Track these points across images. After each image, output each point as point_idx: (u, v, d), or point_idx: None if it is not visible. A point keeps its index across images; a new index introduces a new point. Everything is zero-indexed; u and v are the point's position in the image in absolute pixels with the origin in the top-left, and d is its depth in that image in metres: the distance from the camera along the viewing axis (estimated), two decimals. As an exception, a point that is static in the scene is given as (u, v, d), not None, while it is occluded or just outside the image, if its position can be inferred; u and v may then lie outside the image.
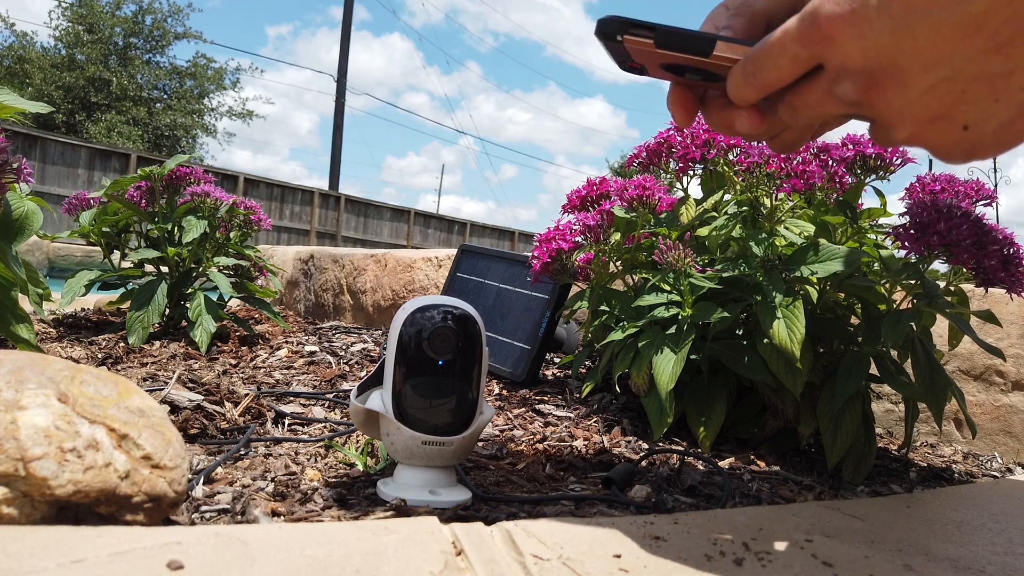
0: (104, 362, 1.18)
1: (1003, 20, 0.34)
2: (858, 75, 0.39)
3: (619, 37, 0.45)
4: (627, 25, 0.45)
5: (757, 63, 0.42)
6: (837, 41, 0.38)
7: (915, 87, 0.38)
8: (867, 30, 0.37)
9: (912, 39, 0.36)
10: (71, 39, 15.71)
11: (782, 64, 0.41)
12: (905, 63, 0.37)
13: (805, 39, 0.39)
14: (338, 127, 15.93)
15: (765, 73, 0.42)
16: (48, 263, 6.13)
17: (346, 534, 0.43)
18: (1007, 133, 0.38)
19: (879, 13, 0.36)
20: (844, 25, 0.37)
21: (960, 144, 0.39)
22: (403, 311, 0.63)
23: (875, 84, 0.38)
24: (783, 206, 0.86)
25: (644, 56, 0.45)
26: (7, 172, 0.92)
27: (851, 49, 0.38)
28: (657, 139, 1.02)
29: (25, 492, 0.42)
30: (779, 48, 0.40)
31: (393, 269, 1.89)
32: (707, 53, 0.44)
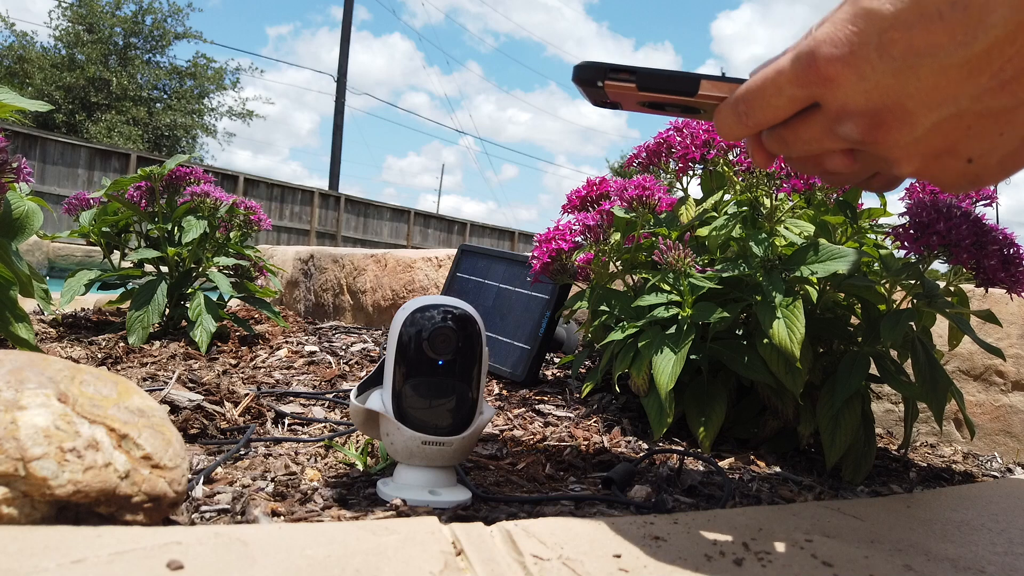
0: (104, 362, 1.18)
1: (1007, 58, 0.34)
2: (861, 116, 0.38)
3: (599, 83, 0.44)
4: (606, 70, 0.44)
5: (750, 103, 0.41)
6: (837, 83, 0.37)
7: (920, 125, 0.37)
8: (868, 72, 0.36)
9: (916, 80, 0.36)
10: (71, 39, 15.71)
11: (777, 104, 0.40)
12: (910, 103, 0.36)
13: (802, 80, 0.38)
14: (338, 127, 15.94)
15: (758, 113, 0.41)
16: (48, 263, 6.13)
17: (346, 534, 0.43)
18: (1011, 163, 0.38)
19: (880, 55, 0.35)
20: (844, 68, 0.37)
21: (964, 176, 0.39)
22: (403, 311, 0.63)
23: (880, 124, 0.38)
24: (783, 206, 0.86)
25: (622, 95, 0.45)
26: (7, 172, 0.92)
27: (852, 91, 0.37)
28: (657, 139, 1.02)
29: (25, 492, 0.42)
30: (773, 88, 0.40)
31: (393, 269, 1.89)
32: (692, 93, 0.43)
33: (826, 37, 0.37)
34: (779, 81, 0.39)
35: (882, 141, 0.38)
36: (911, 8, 0.34)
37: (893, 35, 0.35)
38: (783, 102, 0.40)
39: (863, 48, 0.36)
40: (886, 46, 0.35)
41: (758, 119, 0.41)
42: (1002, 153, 0.38)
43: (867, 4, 0.36)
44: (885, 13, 0.35)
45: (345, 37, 16.03)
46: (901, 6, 0.35)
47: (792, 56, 0.39)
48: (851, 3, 0.37)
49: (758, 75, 0.41)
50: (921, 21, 0.34)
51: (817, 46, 0.37)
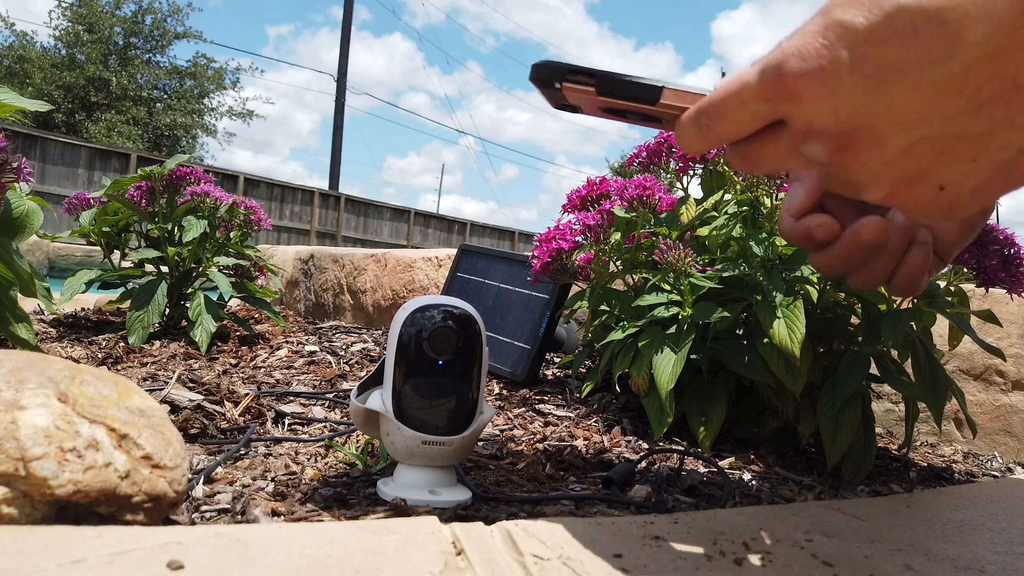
0: (104, 362, 1.18)
1: (985, 79, 0.32)
2: (828, 136, 0.36)
3: (557, 84, 0.42)
4: (565, 71, 0.42)
5: (711, 116, 0.39)
6: (804, 100, 0.35)
7: (891, 148, 0.35)
8: (838, 88, 0.34)
9: (888, 99, 0.33)
10: (71, 39, 15.72)
11: (740, 119, 0.38)
12: (880, 124, 0.34)
13: (768, 95, 0.36)
14: (338, 127, 15.94)
15: (720, 127, 0.39)
16: (48, 263, 6.13)
17: (346, 534, 0.43)
18: (984, 192, 0.36)
19: (851, 71, 0.33)
20: (812, 83, 0.34)
21: (936, 203, 0.37)
22: (403, 311, 0.63)
23: (848, 146, 0.35)
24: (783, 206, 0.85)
25: (582, 99, 0.43)
26: (7, 172, 0.92)
27: (820, 109, 0.35)
28: (657, 139, 1.02)
29: (25, 492, 0.42)
30: (737, 102, 0.37)
31: (393, 269, 1.89)
32: (653, 101, 0.41)
33: (794, 50, 0.34)
34: (743, 95, 0.37)
35: (850, 164, 0.36)
36: (884, 22, 0.32)
37: (865, 50, 0.33)
38: (746, 117, 0.37)
39: (833, 63, 0.33)
40: (857, 61, 0.33)
41: (720, 133, 0.39)
42: (975, 181, 0.36)
43: (838, 16, 0.34)
44: (857, 26, 0.33)
45: (345, 37, 16.03)
46: (874, 19, 0.33)
47: (759, 69, 0.36)
48: (822, 15, 0.35)
49: (722, 87, 0.38)
50: (895, 36, 0.32)
51: (784, 59, 0.35)
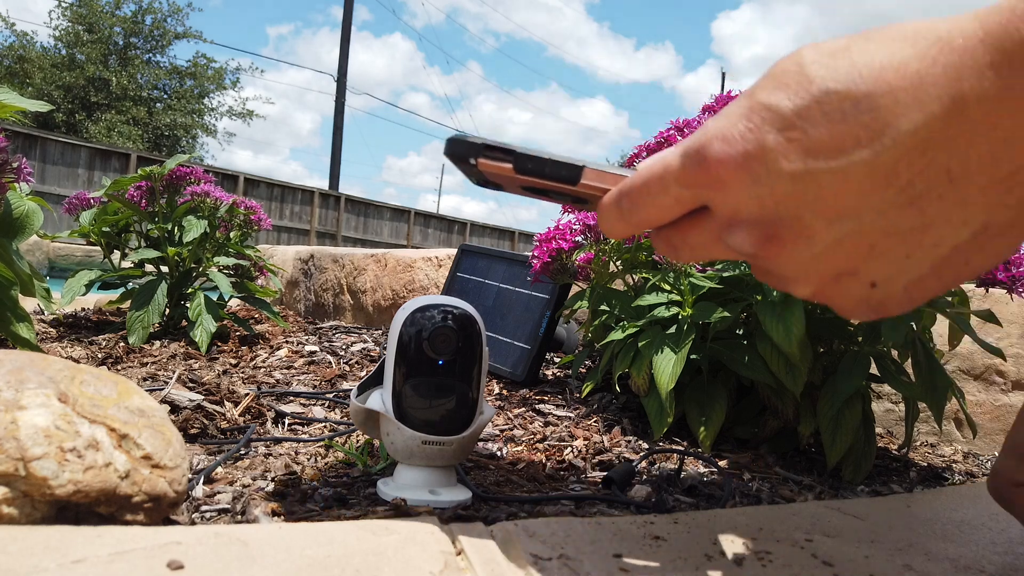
0: (104, 362, 1.18)
1: (917, 172, 0.30)
2: (753, 226, 0.33)
3: (472, 160, 0.40)
4: (480, 148, 0.40)
5: (633, 200, 0.37)
6: (728, 187, 0.33)
7: (819, 241, 0.33)
8: (763, 176, 0.32)
9: (816, 188, 0.31)
10: (71, 39, 15.72)
11: (662, 204, 0.36)
12: (808, 215, 0.32)
13: (690, 180, 0.34)
14: (338, 127, 15.94)
15: (642, 211, 0.36)
16: (48, 263, 6.13)
17: (346, 534, 0.43)
18: (918, 291, 0.34)
19: (777, 157, 0.31)
20: (736, 170, 0.32)
21: (867, 301, 0.35)
22: (403, 311, 0.63)
23: (774, 236, 0.33)
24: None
25: (500, 176, 0.41)
26: (7, 172, 0.92)
27: (745, 197, 0.33)
28: (658, 138, 1.02)
29: (25, 492, 0.42)
30: (659, 185, 0.35)
31: (393, 269, 1.89)
32: (574, 181, 0.39)
33: (719, 133, 0.33)
34: (665, 178, 0.35)
35: (776, 256, 0.34)
36: (812, 106, 0.30)
37: (791, 135, 0.31)
38: (669, 202, 0.35)
39: (758, 148, 0.31)
40: (783, 147, 0.31)
41: (642, 218, 0.37)
42: (908, 278, 0.34)
43: (764, 98, 0.32)
44: (783, 110, 0.31)
45: (345, 37, 16.03)
46: (801, 103, 0.31)
47: (681, 151, 0.34)
48: (746, 97, 0.33)
49: (644, 169, 0.36)
50: (823, 121, 0.30)
51: (708, 142, 0.33)
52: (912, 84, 0.29)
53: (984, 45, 0.29)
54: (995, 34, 0.29)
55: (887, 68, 0.30)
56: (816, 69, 0.31)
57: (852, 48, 0.31)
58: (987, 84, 0.29)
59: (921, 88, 0.29)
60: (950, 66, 0.29)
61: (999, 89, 0.29)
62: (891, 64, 0.30)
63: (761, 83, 0.33)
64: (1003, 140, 0.30)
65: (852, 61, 0.30)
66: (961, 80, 0.29)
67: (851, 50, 0.31)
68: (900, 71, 0.30)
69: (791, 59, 0.32)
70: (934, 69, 0.29)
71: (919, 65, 0.30)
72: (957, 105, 0.29)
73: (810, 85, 0.31)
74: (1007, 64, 0.28)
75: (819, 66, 0.31)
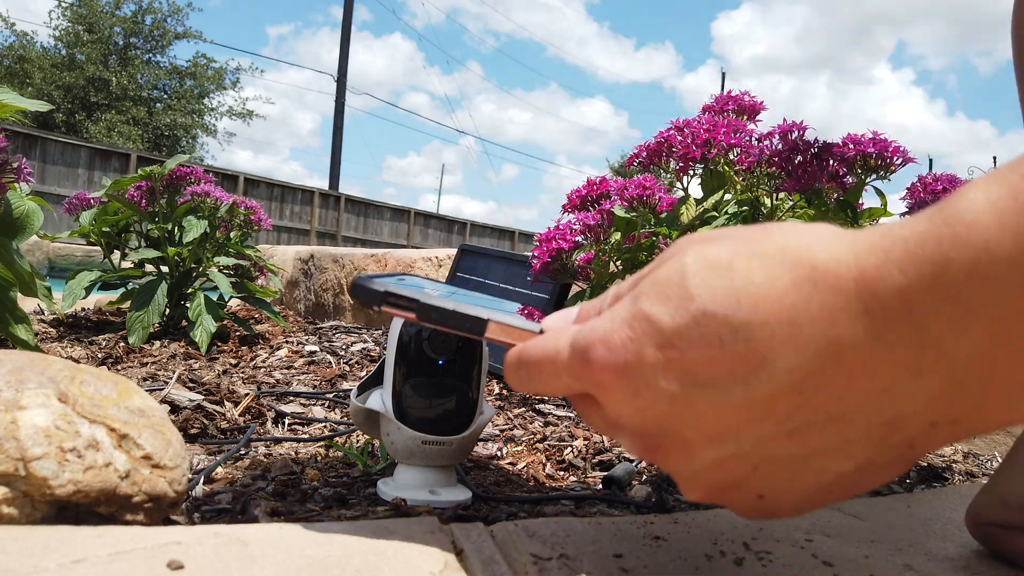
0: (104, 362, 1.18)
1: (794, 407, 0.29)
2: (636, 436, 0.33)
3: (375, 308, 0.40)
4: (382, 297, 0.40)
5: (530, 371, 0.36)
6: (609, 393, 0.32)
7: (699, 459, 0.32)
8: (643, 390, 0.31)
9: (692, 411, 0.30)
10: (71, 39, 15.73)
11: (555, 386, 0.35)
12: (689, 433, 0.31)
13: (575, 375, 0.33)
14: (338, 127, 15.94)
15: (537, 384, 0.36)
16: (48, 263, 6.13)
17: (346, 534, 0.43)
18: (807, 504, 0.34)
19: (655, 372, 0.30)
20: (616, 379, 0.31)
21: (757, 509, 0.34)
22: (403, 311, 0.63)
23: (656, 448, 0.33)
24: (783, 206, 0.86)
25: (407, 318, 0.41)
26: (7, 172, 0.92)
27: (626, 407, 0.32)
28: (658, 138, 1.02)
29: (25, 492, 0.42)
30: (551, 368, 0.35)
31: (393, 269, 1.89)
32: (479, 334, 0.39)
33: (603, 336, 0.32)
34: (557, 363, 0.34)
35: (662, 464, 0.34)
36: (690, 326, 0.29)
37: (670, 354, 0.30)
38: (560, 386, 0.35)
39: (638, 360, 0.30)
40: (662, 364, 0.30)
41: (539, 389, 0.36)
42: (796, 496, 0.33)
43: (646, 308, 0.31)
44: (663, 325, 0.30)
45: (345, 37, 16.04)
46: (680, 321, 0.30)
47: (571, 342, 0.33)
48: (632, 299, 0.32)
49: (541, 343, 0.36)
50: (700, 344, 0.29)
51: (591, 344, 0.32)
52: (788, 319, 0.28)
53: (857, 287, 0.27)
54: (869, 278, 0.27)
55: (764, 297, 0.29)
56: (697, 284, 0.30)
57: (733, 266, 0.30)
58: (861, 333, 0.27)
59: (796, 325, 0.28)
60: (824, 307, 0.28)
61: (873, 340, 0.27)
62: (768, 293, 0.29)
63: (646, 287, 0.32)
64: (880, 389, 0.28)
65: (732, 283, 0.29)
66: (835, 325, 0.28)
67: (732, 268, 0.30)
68: (777, 301, 0.28)
69: (675, 265, 0.31)
70: (809, 307, 0.28)
71: (795, 298, 0.28)
72: (833, 350, 0.28)
73: (690, 303, 0.30)
74: (880, 313, 0.27)
75: (700, 281, 0.30)
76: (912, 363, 0.27)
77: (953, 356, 0.27)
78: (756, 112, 1.04)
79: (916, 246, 0.27)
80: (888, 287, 0.27)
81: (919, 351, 0.27)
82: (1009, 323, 0.25)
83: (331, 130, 16.02)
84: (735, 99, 1.03)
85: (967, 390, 0.27)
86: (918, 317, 0.27)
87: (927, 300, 0.26)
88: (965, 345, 0.26)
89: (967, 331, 0.26)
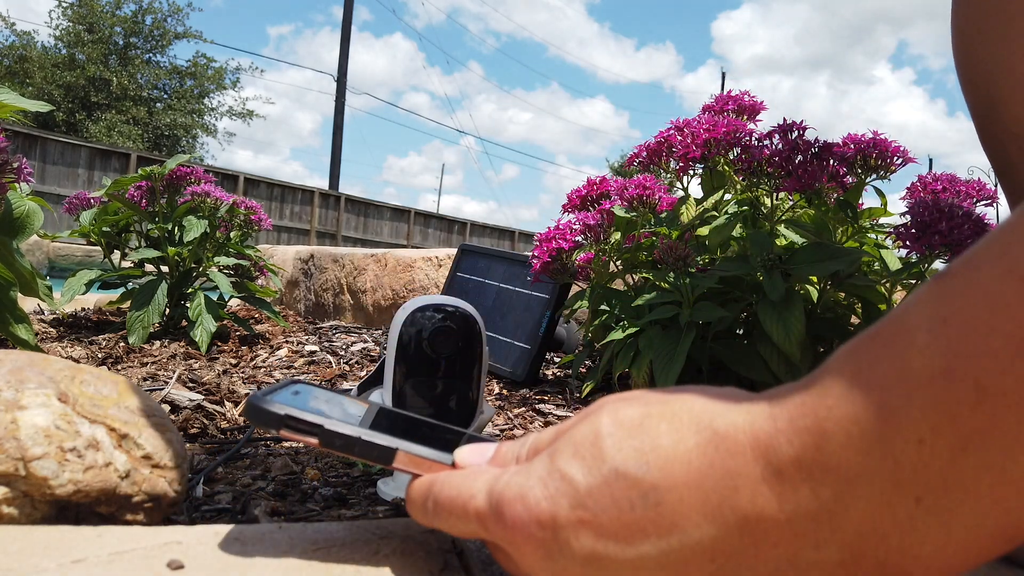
0: (104, 362, 1.18)
1: (709, 574, 0.28)
2: None
3: (273, 431, 0.37)
4: (281, 420, 0.37)
5: (437, 509, 0.35)
6: (522, 550, 0.31)
7: None
8: (556, 552, 0.30)
9: (606, 574, 0.29)
10: (71, 39, 15.73)
11: (463, 530, 0.34)
12: None
13: (487, 526, 0.32)
14: (338, 127, 15.94)
15: (443, 523, 0.35)
16: (48, 263, 6.13)
17: (346, 534, 0.43)
18: None
19: (568, 536, 0.29)
20: (529, 538, 0.30)
21: None
22: (403, 310, 0.63)
23: None
24: (783, 205, 0.86)
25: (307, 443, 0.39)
26: (7, 172, 0.92)
27: (538, 566, 0.31)
28: (658, 138, 1.02)
29: (25, 492, 0.42)
30: (461, 511, 0.33)
31: (393, 269, 1.89)
32: (387, 462, 0.37)
33: (519, 492, 0.31)
34: (468, 509, 0.33)
35: None
36: (602, 487, 0.29)
37: (582, 515, 0.29)
38: (469, 532, 0.34)
39: (551, 520, 0.30)
40: (575, 525, 0.29)
41: (444, 527, 0.35)
42: None
43: (561, 465, 0.30)
44: (577, 484, 0.29)
45: (345, 37, 16.04)
46: (592, 481, 0.29)
47: (487, 491, 0.32)
48: (549, 456, 0.32)
49: (455, 483, 0.34)
50: (612, 507, 0.29)
51: (509, 500, 0.31)
52: (695, 483, 0.28)
53: (754, 454, 0.27)
54: (762, 446, 0.27)
55: (671, 460, 0.29)
56: (609, 446, 0.30)
57: (644, 426, 0.30)
58: (761, 502, 0.27)
59: (702, 491, 0.28)
60: (727, 473, 0.28)
61: (774, 509, 0.27)
62: (675, 455, 0.29)
63: (563, 445, 0.31)
64: (787, 560, 0.28)
65: (641, 444, 0.29)
66: (738, 492, 0.27)
67: (643, 428, 0.30)
68: (684, 464, 0.28)
69: (591, 424, 0.31)
70: (712, 472, 0.28)
71: (700, 462, 0.28)
72: (738, 521, 0.27)
73: (602, 464, 0.29)
74: (775, 482, 0.27)
75: (613, 442, 0.30)
76: (810, 533, 0.27)
77: (844, 527, 0.26)
78: (756, 112, 1.04)
79: (797, 416, 0.27)
80: (779, 456, 0.27)
81: (813, 522, 0.27)
82: (888, 494, 0.25)
83: (331, 130, 16.02)
84: (735, 99, 1.03)
85: (863, 561, 0.27)
86: (808, 487, 0.26)
87: (812, 471, 0.26)
88: (853, 516, 0.26)
89: (852, 502, 0.26)
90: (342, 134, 16.00)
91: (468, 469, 0.36)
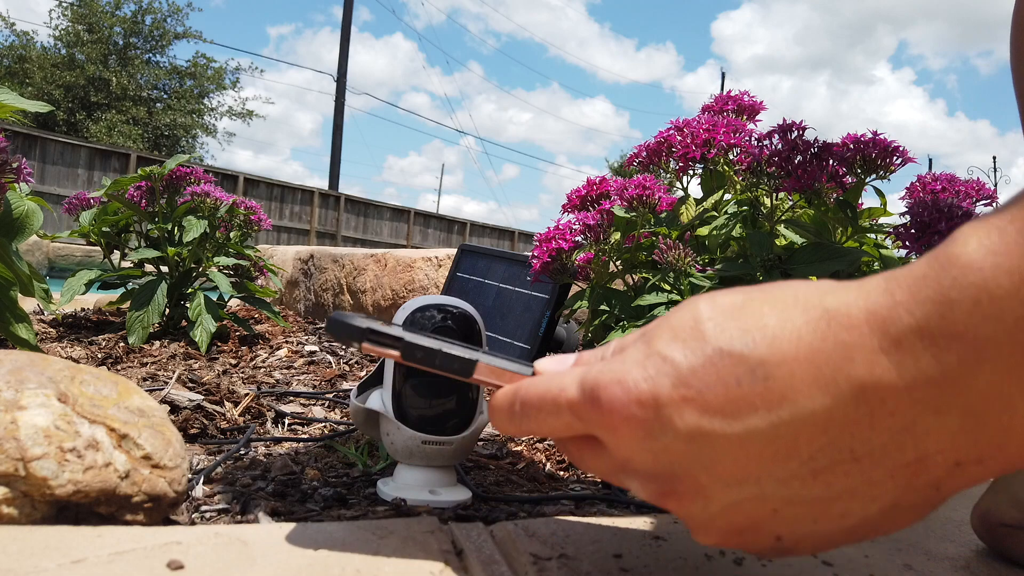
0: (104, 362, 1.18)
1: (818, 448, 0.29)
2: (647, 479, 0.32)
3: (355, 345, 0.38)
4: (363, 334, 0.37)
5: (526, 410, 0.35)
6: (620, 434, 0.31)
7: (716, 502, 0.31)
8: (657, 431, 0.30)
9: (711, 451, 0.29)
10: (71, 39, 15.73)
11: (553, 424, 0.34)
12: (704, 477, 0.30)
13: (583, 415, 0.32)
14: (338, 127, 15.94)
15: (533, 424, 0.35)
16: (48, 263, 6.13)
17: (346, 534, 0.43)
18: (828, 545, 0.33)
19: (671, 413, 0.29)
20: (629, 419, 0.30)
21: (773, 549, 0.33)
22: (403, 310, 0.63)
23: (670, 492, 0.32)
24: (783, 205, 0.86)
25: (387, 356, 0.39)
26: (7, 172, 0.92)
27: (637, 448, 0.31)
28: (657, 138, 1.02)
29: (25, 492, 0.42)
30: (553, 407, 0.33)
31: (393, 269, 1.89)
32: (466, 375, 0.38)
33: (616, 376, 0.31)
34: (560, 403, 0.33)
35: (674, 509, 0.32)
36: (706, 366, 0.29)
37: (686, 392, 0.29)
38: (560, 425, 0.34)
39: (652, 399, 0.30)
40: (678, 403, 0.29)
41: (532, 429, 0.35)
42: (816, 539, 0.32)
43: (660, 348, 0.30)
44: (679, 364, 0.30)
45: (345, 37, 16.04)
46: (695, 361, 0.29)
47: (579, 381, 0.32)
48: (644, 342, 0.31)
49: (543, 381, 0.34)
50: (718, 384, 0.29)
51: (604, 384, 0.31)
52: (806, 357, 0.28)
53: (870, 327, 0.28)
54: (880, 318, 0.28)
55: (779, 337, 0.29)
56: (710, 327, 0.30)
57: (746, 308, 0.30)
58: (879, 370, 0.27)
59: (815, 365, 0.28)
60: (841, 345, 0.28)
61: (893, 377, 0.27)
62: (783, 333, 0.29)
63: (658, 331, 0.31)
64: (903, 429, 0.28)
65: (745, 324, 0.29)
66: (854, 363, 0.28)
67: (745, 310, 0.30)
68: (793, 341, 0.29)
69: (688, 310, 0.31)
70: (825, 346, 0.28)
71: (811, 337, 0.28)
72: (854, 390, 0.28)
73: (705, 344, 0.30)
74: (894, 351, 0.27)
75: (713, 324, 0.30)
76: (931, 400, 0.27)
77: (969, 392, 0.27)
78: (756, 112, 1.04)
79: (919, 288, 0.27)
80: (899, 327, 0.27)
81: (936, 388, 0.27)
82: (1018, 359, 0.26)
83: (331, 130, 16.02)
84: (735, 99, 1.03)
85: (987, 427, 0.27)
86: (930, 355, 0.27)
87: (936, 338, 0.27)
88: (979, 382, 0.26)
89: (978, 368, 0.26)
90: (342, 134, 16.00)
91: (553, 372, 0.36)
